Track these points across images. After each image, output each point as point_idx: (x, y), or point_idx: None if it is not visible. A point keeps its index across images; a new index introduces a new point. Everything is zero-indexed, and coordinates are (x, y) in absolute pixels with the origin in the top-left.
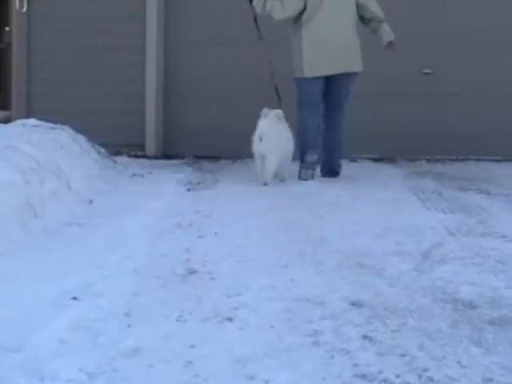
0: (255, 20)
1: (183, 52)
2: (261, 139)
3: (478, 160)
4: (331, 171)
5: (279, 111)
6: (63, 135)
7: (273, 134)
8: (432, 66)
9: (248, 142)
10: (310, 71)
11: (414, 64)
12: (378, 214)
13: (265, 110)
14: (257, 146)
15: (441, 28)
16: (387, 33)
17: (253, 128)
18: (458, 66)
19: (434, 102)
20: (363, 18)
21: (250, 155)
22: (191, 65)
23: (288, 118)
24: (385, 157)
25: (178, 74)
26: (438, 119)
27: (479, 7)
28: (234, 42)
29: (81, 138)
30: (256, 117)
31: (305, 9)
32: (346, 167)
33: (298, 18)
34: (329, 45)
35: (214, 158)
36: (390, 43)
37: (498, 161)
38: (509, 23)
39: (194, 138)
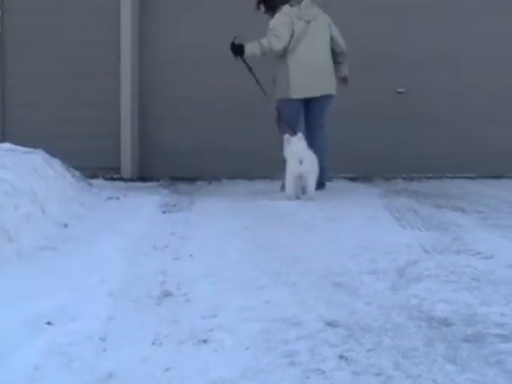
0: (250, 69)
1: (158, 74)
2: (301, 162)
3: (453, 178)
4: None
5: (300, 134)
6: (37, 159)
7: (309, 156)
8: (405, 86)
9: (224, 163)
10: (296, 93)
11: (388, 84)
12: (354, 232)
13: (287, 136)
14: (297, 168)
15: (413, 47)
16: (346, 68)
17: (229, 148)
18: (430, 84)
19: (409, 121)
20: (333, 51)
21: (226, 176)
22: (166, 86)
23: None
24: (361, 176)
25: (153, 95)
26: (412, 138)
27: (451, 26)
28: (208, 63)
29: (55, 161)
30: (232, 136)
31: (291, 38)
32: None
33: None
34: (312, 70)
35: (190, 179)
36: (345, 78)
37: (473, 178)
38: (481, 41)
39: (169, 159)
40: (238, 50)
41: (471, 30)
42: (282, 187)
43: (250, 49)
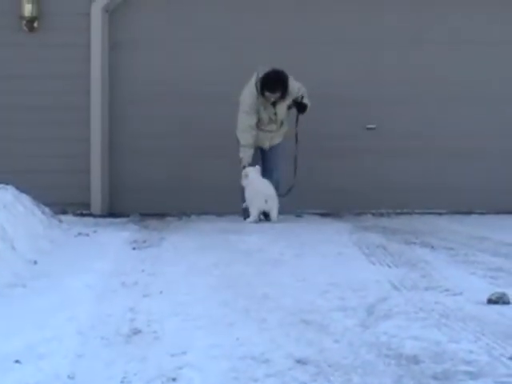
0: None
1: (127, 109)
2: (266, 201)
3: (423, 213)
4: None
5: (258, 167)
6: (7, 195)
7: (272, 192)
8: (375, 122)
9: (194, 199)
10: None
11: (358, 120)
12: (323, 269)
13: (246, 170)
14: (263, 206)
15: (382, 84)
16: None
17: (198, 184)
18: (400, 120)
19: (378, 156)
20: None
21: (195, 212)
22: (136, 122)
23: None
24: (331, 212)
25: (122, 131)
26: (382, 173)
27: (422, 63)
28: (177, 98)
29: (25, 197)
30: (200, 172)
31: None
32: (292, 223)
33: None
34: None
35: (160, 215)
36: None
37: (442, 214)
38: (452, 78)
39: (139, 195)
40: None
41: (442, 66)
42: (245, 212)
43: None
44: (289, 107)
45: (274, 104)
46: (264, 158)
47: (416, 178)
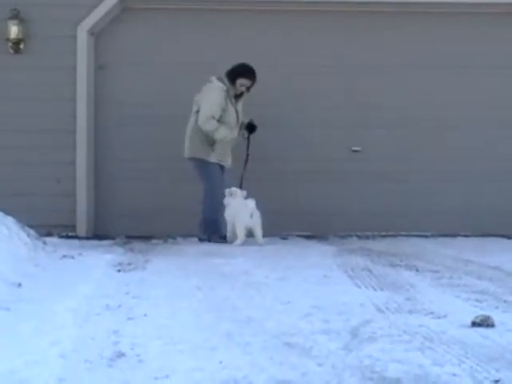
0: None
1: (113, 133)
2: (252, 215)
3: (408, 236)
4: None
5: (245, 192)
6: None
7: (255, 208)
8: (361, 144)
9: (179, 222)
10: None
11: (343, 142)
12: (307, 292)
13: (233, 190)
14: (248, 221)
15: (368, 107)
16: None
17: (184, 207)
18: (386, 143)
19: (364, 178)
20: None
21: (181, 234)
22: (121, 145)
23: None
24: (316, 234)
25: (108, 154)
26: (368, 196)
27: (409, 87)
28: (163, 122)
29: (9, 219)
30: (186, 195)
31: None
32: (276, 245)
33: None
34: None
35: (146, 237)
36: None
37: (427, 236)
38: (439, 102)
39: (125, 217)
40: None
41: (430, 90)
42: (213, 236)
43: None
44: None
45: (237, 99)
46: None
47: (401, 200)
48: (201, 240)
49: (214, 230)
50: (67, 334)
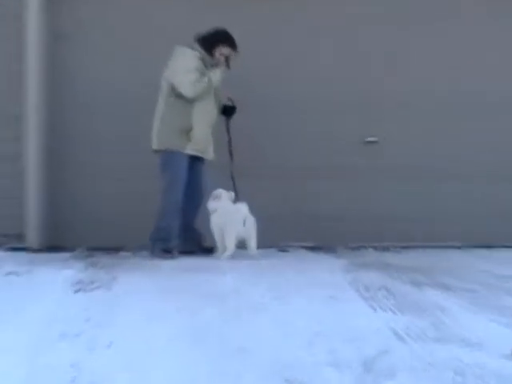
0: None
1: (71, 118)
2: (245, 223)
3: (435, 247)
4: None
5: (232, 193)
6: None
7: (249, 214)
8: (377, 133)
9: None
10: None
11: (355, 131)
12: (310, 316)
13: (219, 191)
14: (240, 230)
15: (387, 90)
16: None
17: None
18: (409, 131)
19: (381, 177)
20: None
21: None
22: (81, 134)
23: None
24: (322, 245)
25: (66, 147)
26: (386, 198)
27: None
28: (134, 105)
29: None
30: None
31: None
32: (273, 258)
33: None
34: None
35: (112, 249)
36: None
37: (458, 247)
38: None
39: (86, 225)
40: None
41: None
42: (155, 247)
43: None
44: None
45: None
46: (193, 177)
47: (427, 203)
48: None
49: (159, 239)
50: (14, 368)
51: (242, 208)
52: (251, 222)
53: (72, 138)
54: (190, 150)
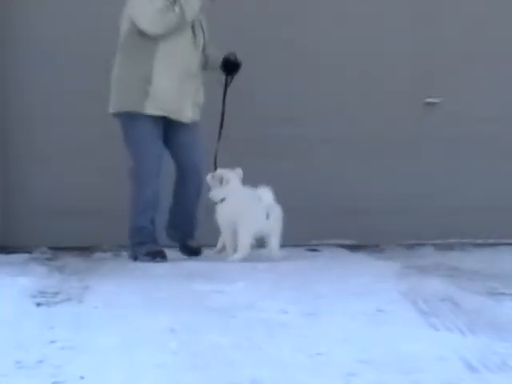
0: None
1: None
2: (268, 216)
3: None
4: None
5: (239, 171)
6: None
7: (276, 206)
8: (439, 93)
9: None
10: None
11: (409, 90)
12: (350, 338)
13: (221, 172)
14: (262, 224)
15: (450, 41)
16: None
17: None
18: (481, 89)
19: (445, 151)
20: None
21: None
22: (37, 104)
23: None
24: (365, 243)
25: (21, 126)
26: (452, 180)
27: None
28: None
29: None
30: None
31: None
32: (301, 261)
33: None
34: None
35: (84, 250)
36: None
37: None
38: None
39: (48, 218)
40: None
41: None
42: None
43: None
44: (211, 66)
45: None
46: (174, 146)
47: (507, 187)
48: (131, 258)
49: (138, 243)
50: None
51: (265, 194)
52: (277, 213)
53: (29, 116)
54: (151, 109)
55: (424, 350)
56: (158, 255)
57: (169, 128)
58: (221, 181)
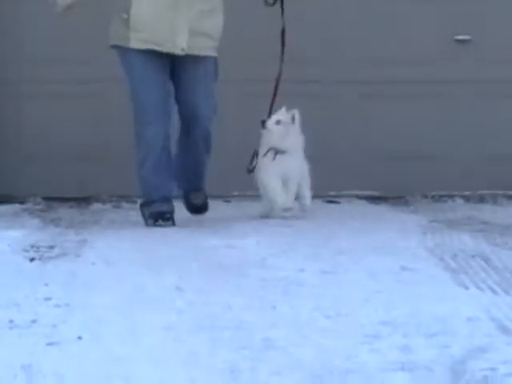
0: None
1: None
2: None
3: None
4: None
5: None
6: None
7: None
8: (471, 30)
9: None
10: None
11: (442, 27)
12: (372, 298)
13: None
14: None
15: None
16: None
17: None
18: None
19: (476, 93)
20: None
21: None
22: (28, 36)
23: None
24: (388, 194)
25: (12, 57)
26: (483, 126)
27: None
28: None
29: None
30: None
31: None
32: (320, 214)
33: None
34: None
35: (81, 200)
36: None
37: None
38: None
39: (43, 166)
40: None
41: None
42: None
43: None
44: None
45: None
46: (175, 84)
47: None
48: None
49: (143, 201)
50: None
51: None
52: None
53: (20, 45)
54: (135, 42)
55: (452, 310)
56: (160, 217)
57: (174, 63)
58: (277, 123)
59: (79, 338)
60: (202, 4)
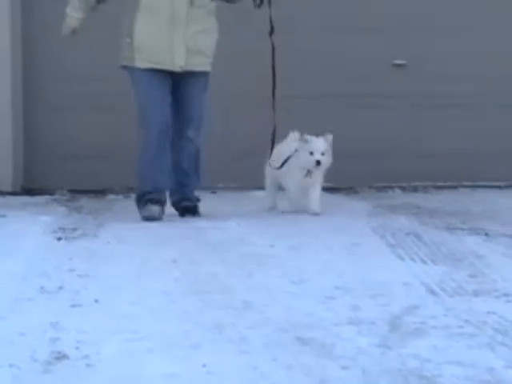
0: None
1: (50, 40)
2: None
3: (474, 187)
4: None
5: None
6: None
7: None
8: (406, 56)
9: None
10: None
11: (380, 53)
12: (328, 267)
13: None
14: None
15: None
16: None
17: None
18: (441, 53)
19: (410, 105)
20: None
21: None
22: (61, 57)
23: None
24: (342, 186)
25: (43, 75)
26: (416, 130)
27: None
28: None
29: None
30: None
31: None
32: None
33: None
34: None
35: (99, 192)
36: None
37: (500, 188)
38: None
39: (68, 164)
40: None
41: None
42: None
43: None
44: None
45: None
46: (174, 98)
47: (465, 135)
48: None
49: (140, 193)
50: None
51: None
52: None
53: (50, 60)
54: (140, 62)
55: (390, 277)
56: (151, 201)
57: (174, 78)
58: (305, 142)
59: (96, 301)
60: (197, 24)
